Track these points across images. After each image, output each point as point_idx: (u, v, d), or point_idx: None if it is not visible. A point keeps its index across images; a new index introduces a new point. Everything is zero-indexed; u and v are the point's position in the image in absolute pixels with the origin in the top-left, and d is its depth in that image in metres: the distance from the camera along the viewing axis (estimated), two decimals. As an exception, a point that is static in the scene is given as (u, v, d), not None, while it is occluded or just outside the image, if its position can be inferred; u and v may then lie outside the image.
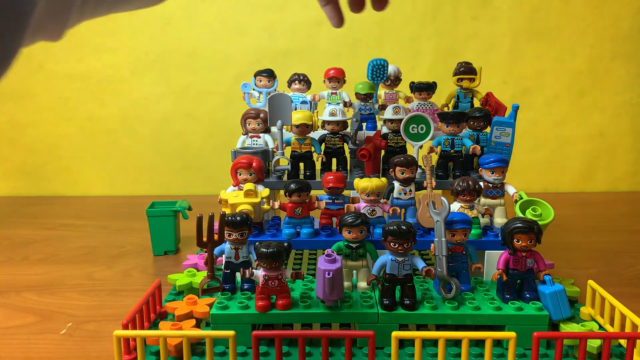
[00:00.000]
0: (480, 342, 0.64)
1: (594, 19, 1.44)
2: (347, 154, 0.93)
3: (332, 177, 0.78)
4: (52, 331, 0.71)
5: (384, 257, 0.65)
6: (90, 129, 1.52)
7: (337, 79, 0.97)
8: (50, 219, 1.29)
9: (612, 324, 0.66)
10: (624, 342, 0.62)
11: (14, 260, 1.00)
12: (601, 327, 0.67)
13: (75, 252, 1.04)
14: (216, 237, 0.71)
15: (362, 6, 0.60)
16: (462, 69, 0.94)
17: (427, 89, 0.95)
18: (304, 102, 0.97)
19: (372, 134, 0.90)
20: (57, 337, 0.70)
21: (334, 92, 0.98)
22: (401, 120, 0.88)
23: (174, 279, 0.80)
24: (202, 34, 1.46)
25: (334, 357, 0.62)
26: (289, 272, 0.65)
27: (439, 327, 0.66)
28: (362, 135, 0.93)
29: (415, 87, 0.96)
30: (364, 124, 0.97)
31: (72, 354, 0.66)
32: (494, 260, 0.72)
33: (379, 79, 0.95)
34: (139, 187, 1.54)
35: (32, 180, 1.55)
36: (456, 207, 0.75)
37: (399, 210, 0.77)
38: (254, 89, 0.99)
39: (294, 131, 0.89)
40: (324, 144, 0.91)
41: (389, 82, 1.03)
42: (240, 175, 0.79)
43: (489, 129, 0.86)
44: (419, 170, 0.87)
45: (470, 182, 0.74)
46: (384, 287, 0.65)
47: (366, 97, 0.96)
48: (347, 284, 0.69)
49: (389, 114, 0.90)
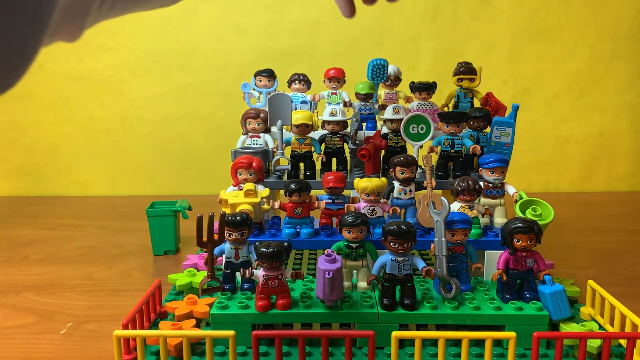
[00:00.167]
0: (480, 342, 0.64)
1: (594, 19, 1.44)
2: (347, 154, 0.93)
3: (332, 177, 0.78)
4: (52, 331, 0.71)
5: (384, 257, 0.65)
6: (90, 129, 1.52)
7: (337, 79, 0.97)
8: (50, 219, 1.29)
9: (612, 324, 0.66)
10: (624, 342, 0.62)
11: (14, 260, 1.00)
12: (601, 327, 0.67)
13: (75, 252, 1.04)
14: (216, 237, 0.71)
15: None
16: (462, 69, 0.94)
17: (427, 89, 0.95)
18: (304, 102, 0.97)
19: (372, 134, 0.90)
20: (57, 337, 0.70)
21: (334, 92, 0.98)
22: (401, 120, 0.88)
23: (174, 279, 0.80)
24: (202, 34, 1.46)
25: (334, 357, 0.62)
26: (289, 272, 0.65)
27: (439, 327, 0.66)
28: (362, 135, 0.93)
29: (415, 87, 0.96)
30: (364, 124, 0.97)
31: (72, 354, 0.66)
32: (494, 260, 0.72)
33: (379, 79, 0.95)
34: (139, 187, 1.54)
35: (32, 180, 1.55)
36: (456, 207, 0.75)
37: (399, 210, 0.77)
38: (254, 89, 0.99)
39: (294, 131, 0.89)
40: (324, 144, 0.91)
41: (389, 82, 1.03)
42: (240, 175, 0.79)
43: (489, 129, 0.86)
44: (419, 170, 0.87)
45: (470, 182, 0.74)
46: (384, 287, 0.65)
47: (366, 97, 0.96)
48: (347, 284, 0.69)
49: (389, 114, 0.90)
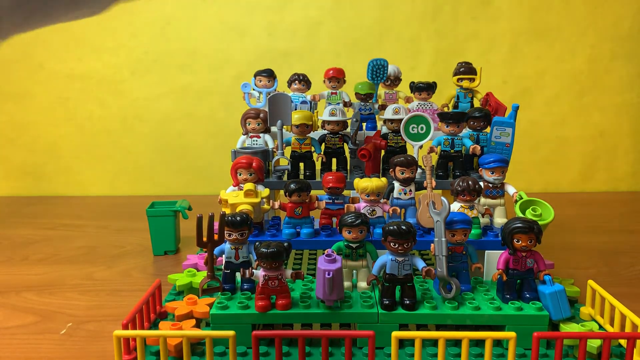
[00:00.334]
0: (480, 342, 0.64)
1: (594, 19, 1.44)
2: (347, 154, 0.93)
3: (332, 177, 0.78)
4: (52, 331, 0.71)
5: (384, 257, 0.65)
6: (90, 129, 1.52)
7: (337, 79, 0.97)
8: (50, 219, 1.29)
9: (612, 324, 0.66)
10: (624, 342, 0.62)
11: (14, 260, 1.00)
12: (601, 327, 0.67)
13: (75, 252, 1.04)
14: (216, 237, 0.71)
15: None
16: (462, 69, 0.94)
17: (427, 89, 0.95)
18: (304, 102, 0.97)
19: (372, 134, 0.90)
20: (57, 337, 0.70)
21: (334, 92, 0.98)
22: (401, 120, 0.87)
23: (174, 279, 0.80)
24: (202, 34, 1.46)
25: (334, 357, 0.62)
26: (289, 272, 0.65)
27: (439, 327, 0.66)
28: (362, 135, 0.93)
29: (415, 87, 0.96)
30: (364, 124, 0.97)
31: (72, 354, 0.65)
32: (494, 260, 0.72)
33: (379, 79, 0.95)
34: (139, 187, 1.54)
35: (32, 180, 1.55)
36: (456, 207, 0.75)
37: (399, 210, 0.77)
38: (254, 89, 0.99)
39: (294, 131, 0.89)
40: (324, 144, 0.91)
41: (389, 82, 1.03)
42: (240, 175, 0.79)
43: (489, 129, 0.86)
44: (419, 170, 0.87)
45: (470, 182, 0.74)
46: (384, 287, 0.65)
47: (366, 97, 0.96)
48: (347, 284, 0.69)
49: (389, 114, 0.90)
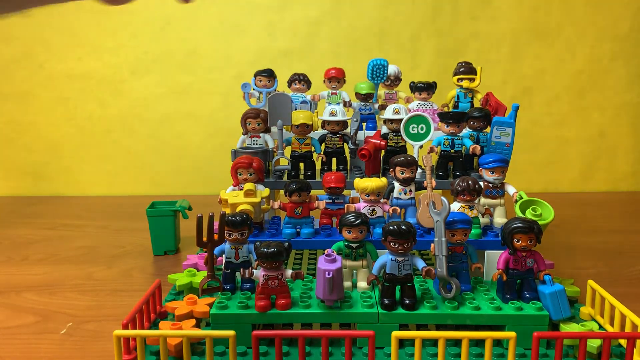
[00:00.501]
0: (480, 342, 0.64)
1: (594, 19, 1.44)
2: (347, 154, 0.93)
3: (332, 177, 0.78)
4: (52, 331, 0.71)
5: (384, 257, 0.65)
6: (90, 129, 1.52)
7: (337, 79, 0.97)
8: (50, 219, 1.29)
9: (612, 324, 0.66)
10: (624, 342, 0.62)
11: (14, 260, 1.00)
12: (601, 327, 0.67)
13: (75, 252, 1.04)
14: (216, 237, 0.71)
15: None
16: (462, 69, 0.94)
17: (427, 89, 0.95)
18: (304, 102, 0.97)
19: (372, 134, 0.90)
20: (57, 337, 0.70)
21: (334, 92, 0.98)
22: (401, 120, 0.88)
23: (174, 279, 0.80)
24: (202, 34, 1.46)
25: (334, 357, 0.62)
26: (289, 272, 0.65)
27: (439, 327, 0.66)
28: (362, 135, 0.93)
29: (415, 87, 0.96)
30: (364, 124, 0.97)
31: (72, 354, 0.66)
32: (494, 260, 0.72)
33: (379, 79, 0.95)
34: (139, 187, 1.54)
35: (32, 180, 1.55)
36: (456, 207, 0.75)
37: (399, 210, 0.77)
38: (254, 89, 0.99)
39: (294, 131, 0.89)
40: (324, 144, 0.91)
41: (389, 82, 1.03)
42: (240, 175, 0.79)
43: (489, 129, 0.86)
44: (419, 170, 0.87)
45: (470, 182, 0.74)
46: (384, 287, 0.65)
47: (366, 97, 0.96)
48: (347, 284, 0.69)
49: (389, 114, 0.90)
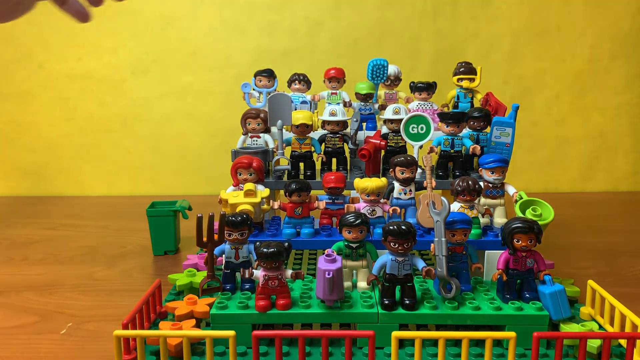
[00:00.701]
0: (480, 342, 0.64)
1: (594, 19, 1.44)
2: (347, 154, 0.93)
3: (332, 177, 0.78)
4: (52, 331, 0.71)
5: (384, 257, 0.65)
6: (90, 129, 1.51)
7: (337, 79, 0.97)
8: (50, 219, 1.29)
9: (612, 324, 0.66)
10: (624, 342, 0.62)
11: (14, 260, 1.00)
12: (601, 327, 0.67)
13: (75, 252, 1.04)
14: (216, 237, 0.71)
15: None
16: (462, 69, 0.94)
17: (427, 89, 0.95)
18: (304, 102, 0.97)
19: (372, 134, 0.90)
20: (57, 337, 0.70)
21: (334, 92, 0.98)
22: (401, 120, 0.88)
23: (174, 279, 0.80)
24: (202, 34, 1.46)
25: (334, 357, 0.62)
26: (289, 272, 0.65)
27: (439, 327, 0.66)
28: (362, 135, 0.93)
29: (415, 87, 0.96)
30: (364, 124, 0.97)
31: (72, 354, 0.65)
32: (494, 260, 0.72)
33: (379, 79, 0.95)
34: (139, 187, 1.54)
35: (32, 180, 1.55)
36: (456, 207, 0.75)
37: (399, 210, 0.77)
38: (254, 89, 0.99)
39: (294, 131, 0.89)
40: (324, 144, 0.91)
41: (389, 82, 1.03)
42: (240, 175, 0.79)
43: (489, 129, 0.86)
44: (419, 170, 0.87)
45: (470, 182, 0.74)
46: (384, 287, 0.65)
47: (366, 97, 0.96)
48: (347, 284, 0.69)
49: (389, 114, 0.90)
